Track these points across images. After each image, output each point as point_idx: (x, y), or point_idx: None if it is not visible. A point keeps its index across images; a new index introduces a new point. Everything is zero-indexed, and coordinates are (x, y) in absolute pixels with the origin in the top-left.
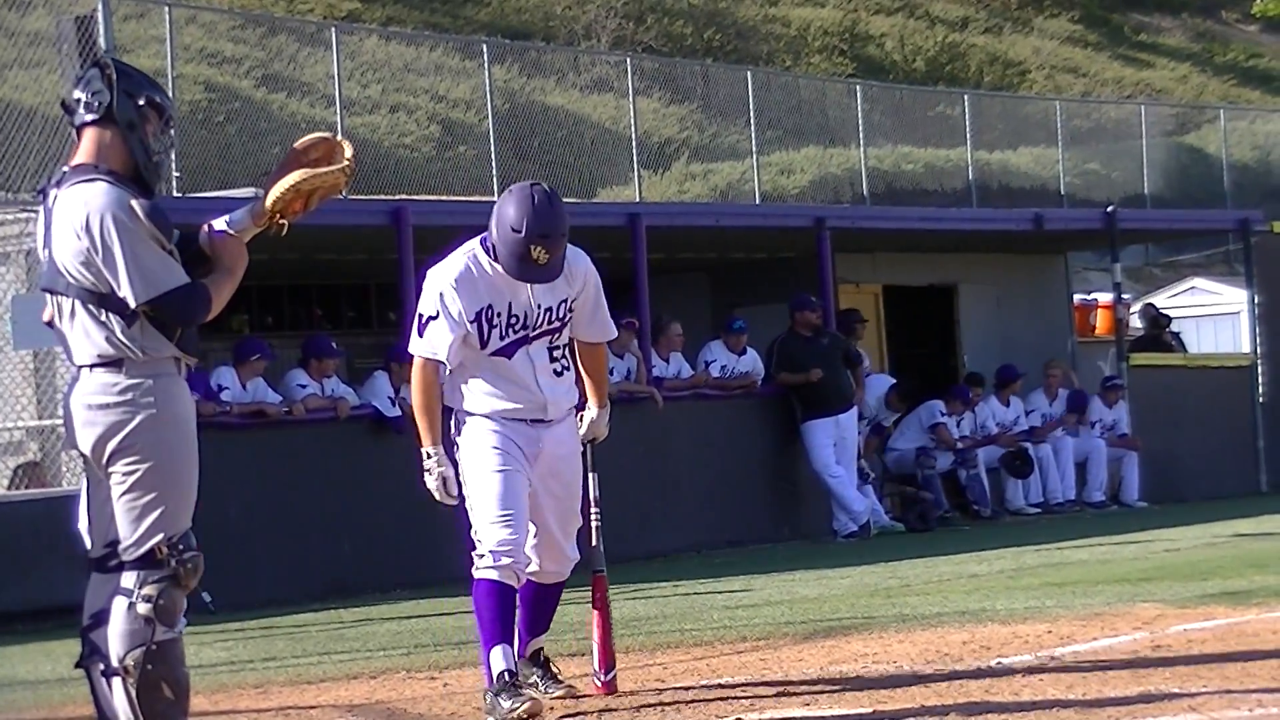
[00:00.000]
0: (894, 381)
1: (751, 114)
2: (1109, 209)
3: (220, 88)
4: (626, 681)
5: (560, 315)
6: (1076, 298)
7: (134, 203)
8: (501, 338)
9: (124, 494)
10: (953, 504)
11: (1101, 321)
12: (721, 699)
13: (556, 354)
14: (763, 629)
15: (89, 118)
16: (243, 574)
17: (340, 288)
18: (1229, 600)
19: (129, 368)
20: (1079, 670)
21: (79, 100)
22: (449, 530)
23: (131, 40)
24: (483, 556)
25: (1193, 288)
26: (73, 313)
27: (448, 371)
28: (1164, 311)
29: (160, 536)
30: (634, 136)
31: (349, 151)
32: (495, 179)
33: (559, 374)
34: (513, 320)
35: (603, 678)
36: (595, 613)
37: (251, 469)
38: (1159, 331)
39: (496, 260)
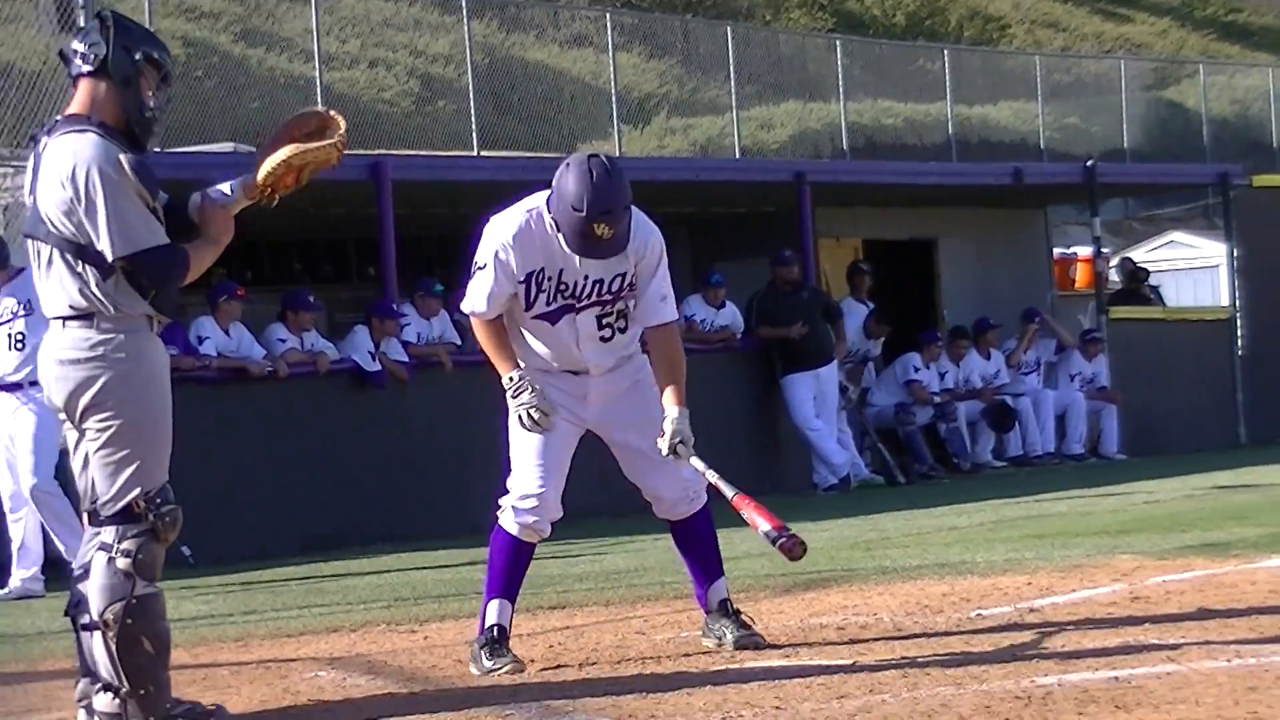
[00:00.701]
0: (871, 307)
1: (731, 69)
2: (1088, 163)
3: (198, 43)
4: (606, 635)
5: (613, 289)
6: (1056, 251)
7: (121, 157)
8: (548, 303)
9: (99, 450)
10: (934, 456)
11: (1081, 275)
12: (701, 652)
13: (607, 321)
14: (742, 582)
15: (85, 69)
16: (223, 528)
17: (319, 242)
18: (1208, 552)
19: (100, 322)
20: (1058, 622)
21: (76, 51)
22: (429, 484)
23: None
24: (504, 510)
25: (1172, 241)
26: (50, 261)
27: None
28: (1141, 265)
29: (137, 491)
30: (614, 91)
31: (342, 126)
32: (475, 134)
33: (607, 339)
34: (561, 287)
35: (784, 536)
36: (748, 509)
37: (231, 423)
38: (1137, 285)
39: (559, 231)
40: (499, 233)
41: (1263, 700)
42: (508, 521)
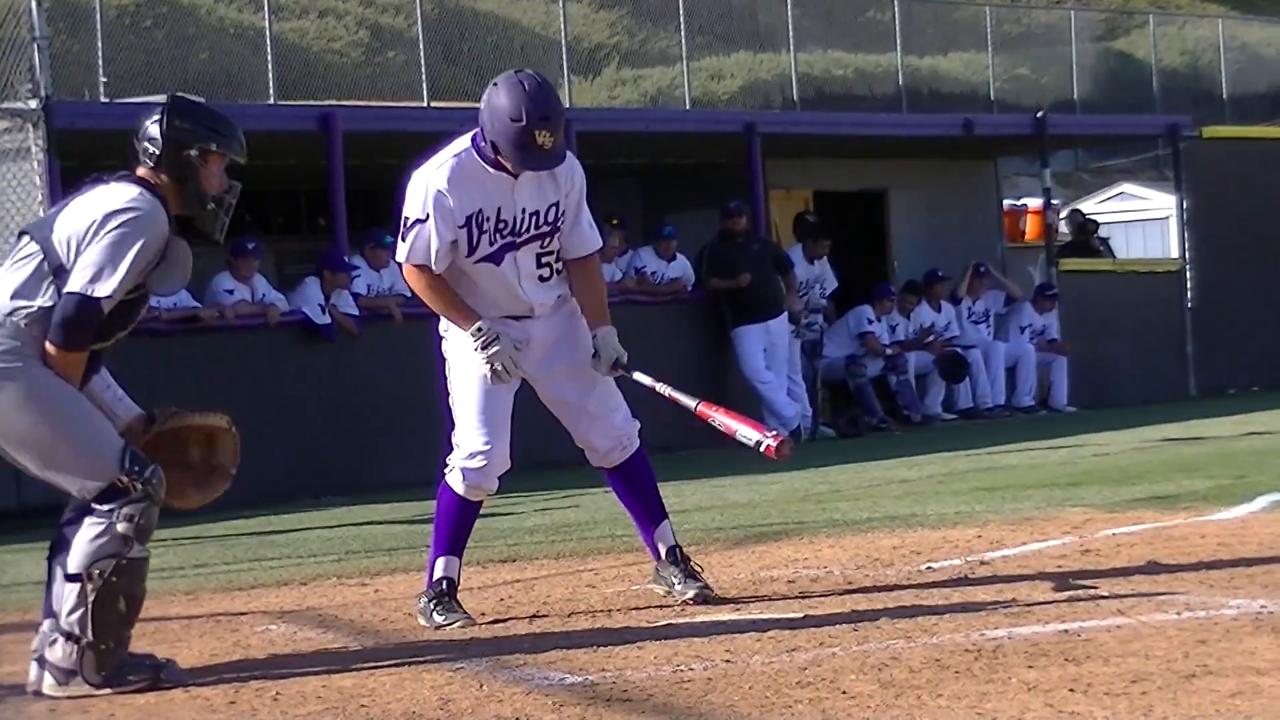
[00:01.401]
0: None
1: (682, 19)
2: (1038, 114)
3: None
4: (556, 588)
5: (548, 219)
6: (1006, 203)
7: (168, 236)
8: (490, 244)
9: (54, 463)
10: (884, 409)
11: (1031, 227)
12: (652, 605)
13: (545, 259)
14: (693, 535)
15: (147, 163)
16: None
17: (270, 194)
18: (1157, 505)
19: (10, 331)
20: (1009, 575)
21: (140, 142)
22: (379, 437)
23: None
24: (452, 469)
25: (1122, 193)
26: (25, 259)
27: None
28: (1090, 217)
29: (109, 471)
30: (564, 41)
31: (235, 462)
32: (425, 84)
33: (545, 279)
34: (501, 225)
35: (769, 436)
36: (717, 416)
37: (181, 374)
38: (1086, 237)
39: (492, 160)
40: (433, 180)
41: (1212, 653)
42: (455, 481)
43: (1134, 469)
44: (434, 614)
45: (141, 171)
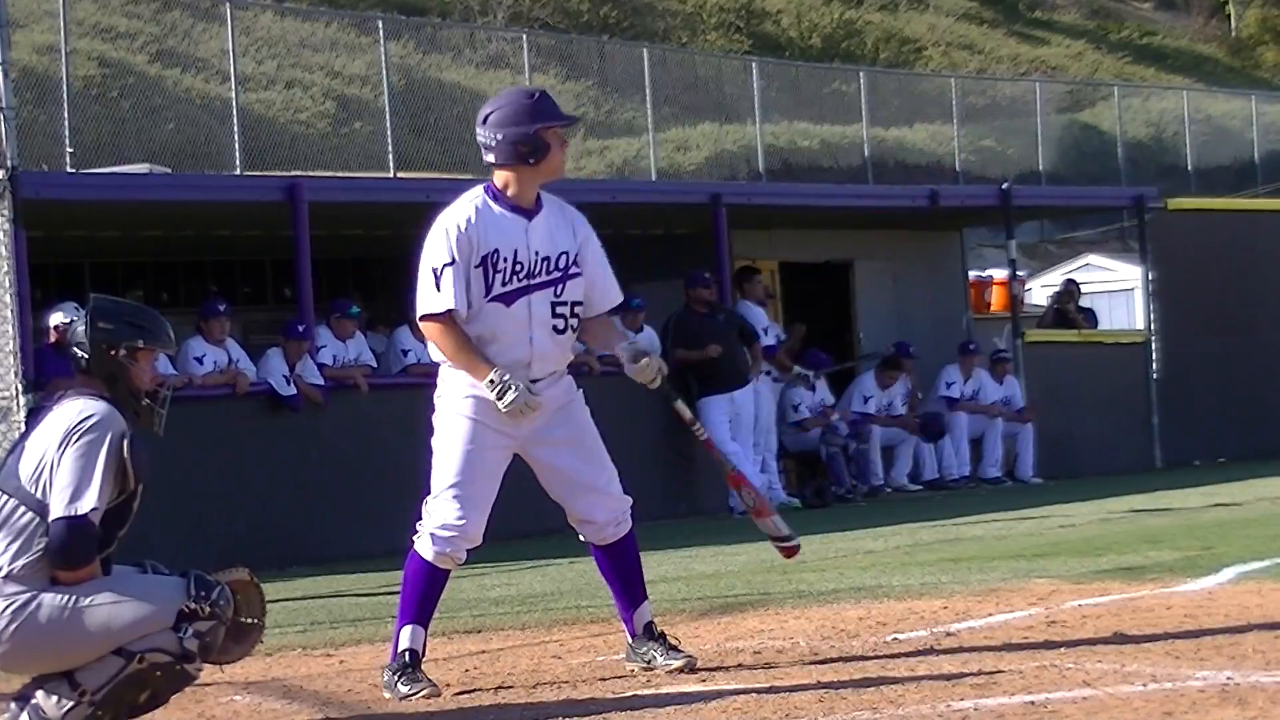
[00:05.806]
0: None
1: (648, 90)
2: (1004, 186)
3: (114, 63)
4: (521, 659)
5: (560, 266)
6: (971, 274)
7: (126, 437)
8: (504, 284)
9: (115, 644)
10: (853, 479)
11: (996, 298)
12: (618, 676)
13: (560, 310)
14: (659, 606)
15: (80, 367)
16: (135, 550)
17: (235, 264)
18: (1124, 576)
19: (17, 580)
20: (974, 646)
21: (70, 345)
22: (344, 507)
23: (25, 15)
24: (421, 536)
25: (1087, 264)
26: (6, 519)
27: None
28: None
29: (172, 611)
30: None
31: (263, 616)
32: (391, 155)
33: (559, 331)
34: (517, 267)
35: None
36: (749, 491)
37: (145, 445)
38: (1063, 306)
39: (508, 203)
40: (452, 223)
41: None
42: (424, 547)
43: (1100, 540)
44: (398, 685)
45: (80, 381)
